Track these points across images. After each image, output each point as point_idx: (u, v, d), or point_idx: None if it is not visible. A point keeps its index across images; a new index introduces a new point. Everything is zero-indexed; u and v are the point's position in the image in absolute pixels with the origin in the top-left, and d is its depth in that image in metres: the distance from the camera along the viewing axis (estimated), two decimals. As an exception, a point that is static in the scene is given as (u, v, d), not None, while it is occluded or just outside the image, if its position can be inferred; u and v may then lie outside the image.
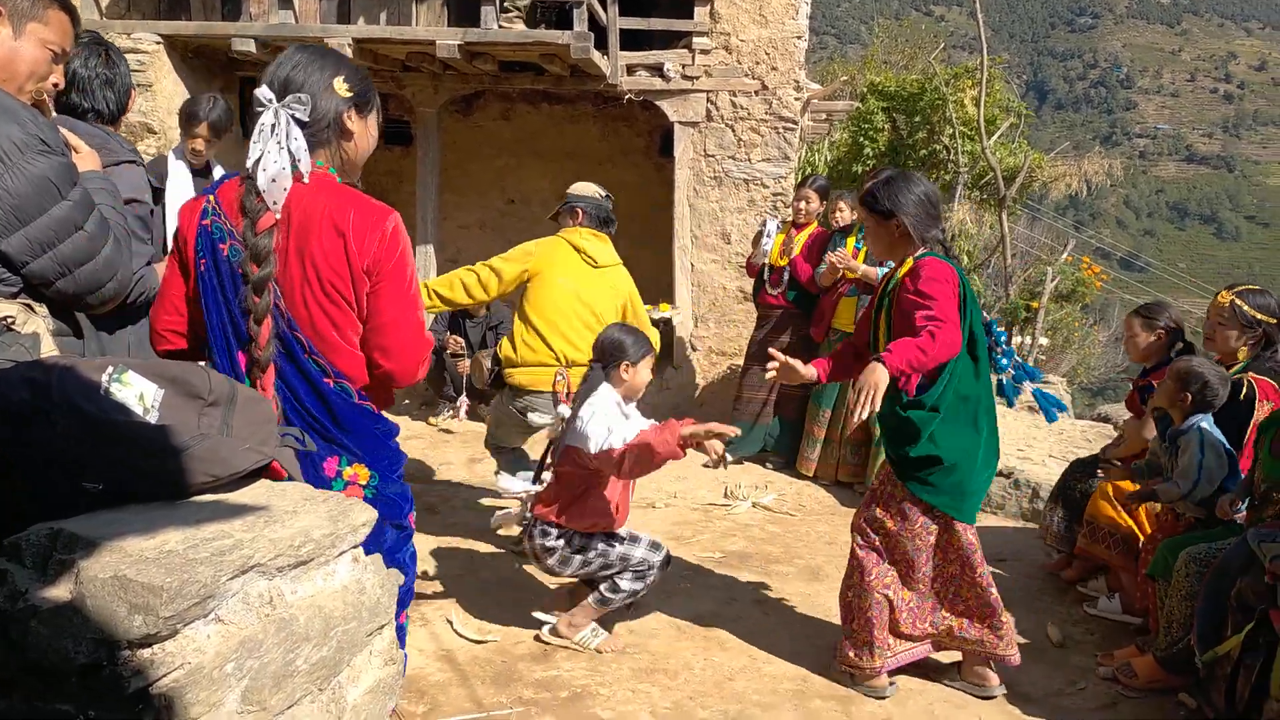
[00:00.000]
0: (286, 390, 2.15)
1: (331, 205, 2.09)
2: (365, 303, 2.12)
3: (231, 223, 2.12)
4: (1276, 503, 3.17)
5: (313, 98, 2.10)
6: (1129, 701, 3.32)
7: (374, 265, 2.10)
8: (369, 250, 2.09)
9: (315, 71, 2.13)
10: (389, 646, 2.23)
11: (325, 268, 2.09)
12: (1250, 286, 3.81)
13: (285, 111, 2.08)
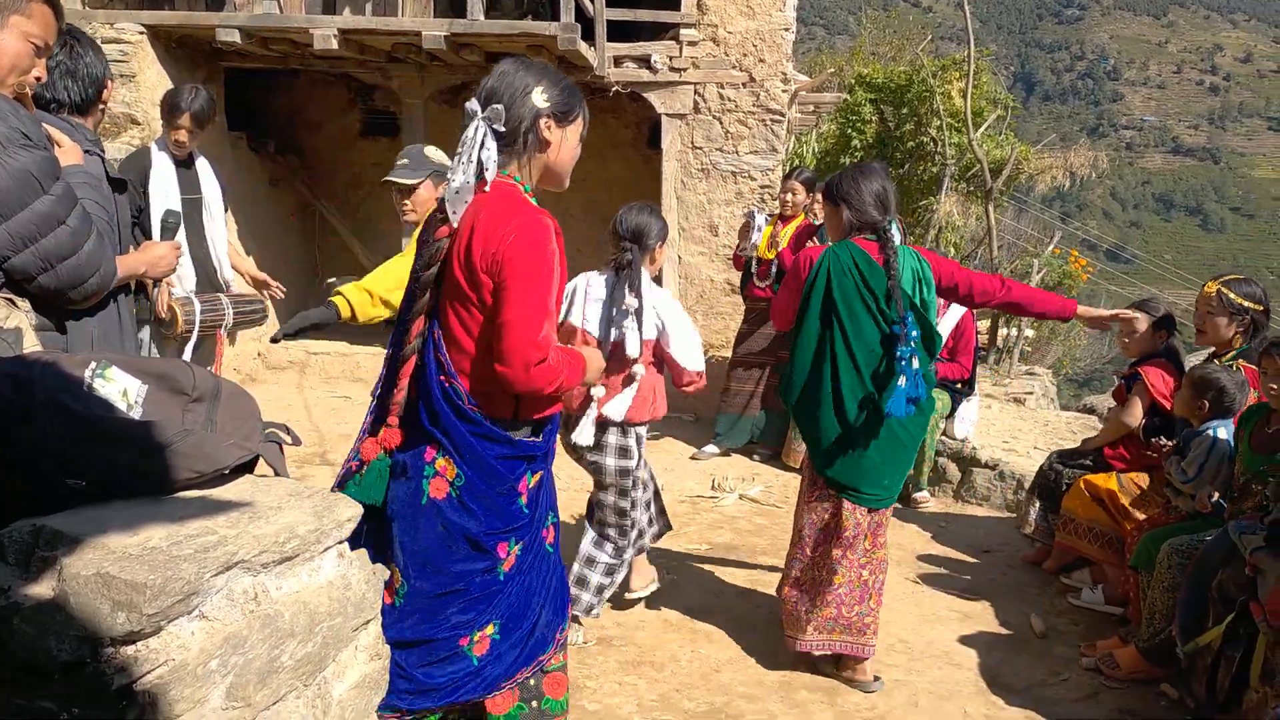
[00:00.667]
0: (419, 383, 2.22)
1: (484, 209, 2.14)
2: (490, 303, 2.14)
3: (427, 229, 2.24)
4: (1256, 495, 3.20)
5: (507, 107, 2.14)
6: (1111, 692, 3.35)
7: (493, 266, 2.11)
8: (490, 250, 2.10)
9: (516, 82, 2.17)
10: (374, 641, 2.23)
11: (459, 269, 2.16)
12: (1236, 276, 3.86)
13: (483, 123, 2.14)
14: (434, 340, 2.21)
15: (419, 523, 2.23)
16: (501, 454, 2.21)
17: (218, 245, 4.42)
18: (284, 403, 6.70)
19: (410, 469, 2.23)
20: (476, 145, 2.14)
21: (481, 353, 2.18)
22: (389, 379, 2.28)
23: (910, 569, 4.40)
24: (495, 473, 2.21)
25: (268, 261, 7.71)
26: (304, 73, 7.93)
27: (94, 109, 2.74)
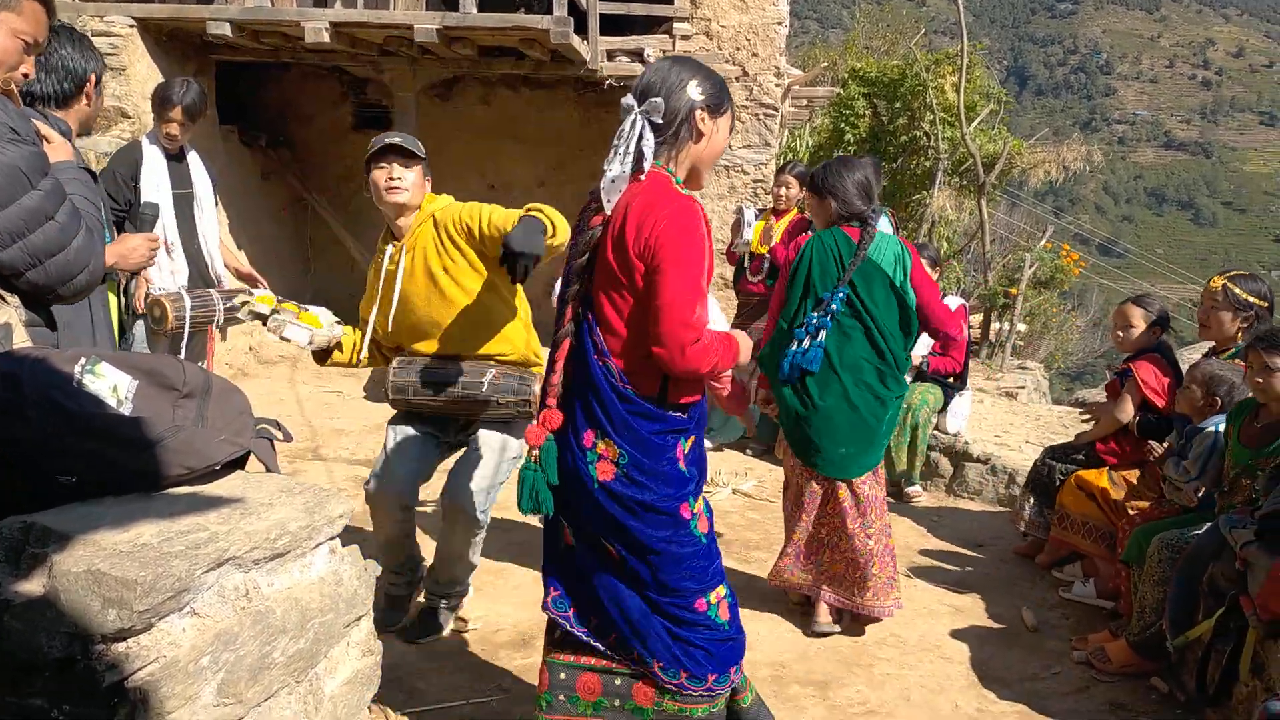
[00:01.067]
0: (576, 367, 2.31)
1: (637, 197, 2.22)
2: (642, 287, 2.22)
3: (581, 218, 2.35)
4: (1246, 489, 3.22)
5: (665, 100, 2.23)
6: (1102, 685, 3.36)
7: (647, 250, 2.19)
8: (644, 236, 2.18)
9: (672, 76, 2.26)
10: (367, 637, 2.23)
11: (611, 254, 2.24)
12: (1241, 272, 3.86)
13: (641, 116, 2.23)
14: (588, 323, 2.29)
15: (598, 503, 2.30)
16: (655, 429, 2.29)
17: (209, 239, 4.41)
18: (276, 397, 6.69)
19: (574, 454, 2.30)
20: (635, 137, 2.22)
21: (633, 335, 2.26)
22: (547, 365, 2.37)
23: (902, 563, 4.41)
24: (653, 447, 2.29)
25: (259, 255, 7.69)
26: (295, 66, 7.91)
27: (74, 103, 2.71)
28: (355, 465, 5.46)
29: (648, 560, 2.33)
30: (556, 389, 2.30)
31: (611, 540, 2.33)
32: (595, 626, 2.43)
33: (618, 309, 2.26)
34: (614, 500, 2.29)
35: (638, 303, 2.24)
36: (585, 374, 2.28)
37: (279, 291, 7.98)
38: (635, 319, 2.25)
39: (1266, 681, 2.72)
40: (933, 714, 3.15)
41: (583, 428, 2.30)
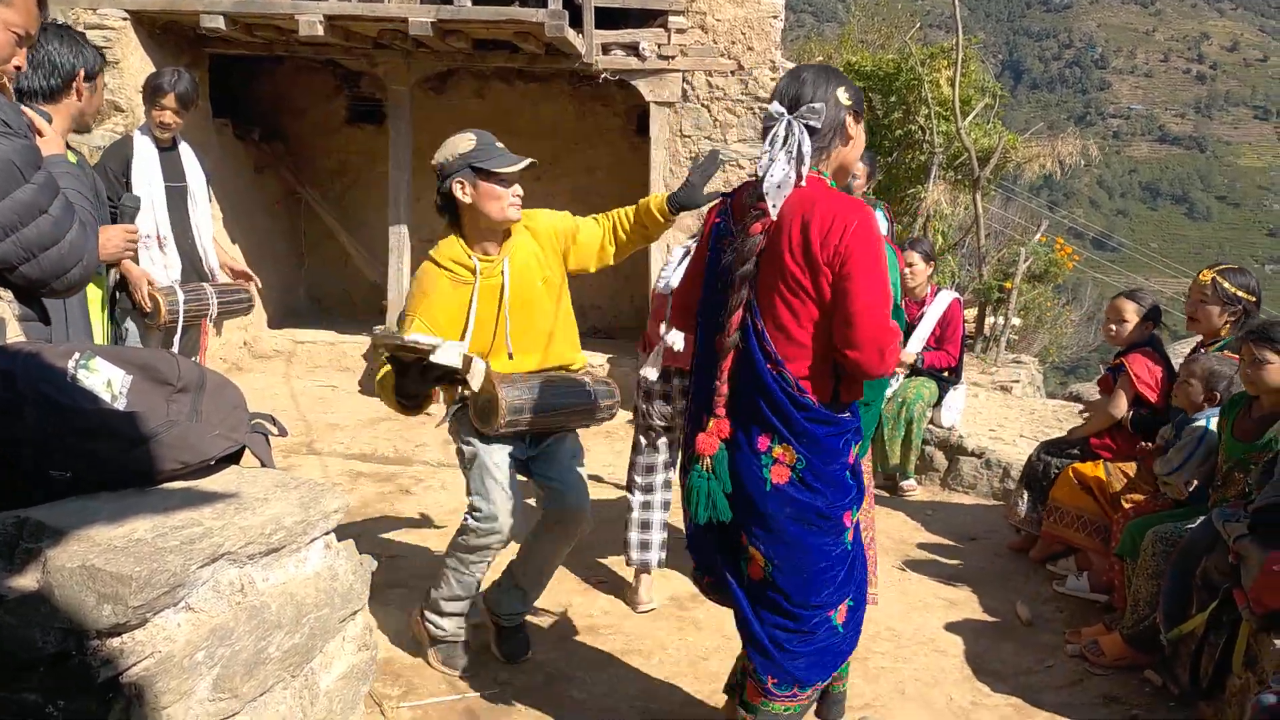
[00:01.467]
0: (743, 375, 2.30)
1: (807, 203, 2.24)
2: (828, 294, 2.22)
3: (736, 223, 2.34)
4: (1239, 483, 3.23)
5: (824, 107, 2.28)
6: (1096, 678, 3.38)
7: (836, 258, 2.20)
8: (831, 243, 2.19)
9: (823, 85, 2.32)
10: (362, 632, 2.24)
11: (790, 260, 2.23)
12: (1230, 265, 3.87)
13: (798, 122, 2.27)
14: (756, 331, 2.28)
15: (769, 507, 2.30)
16: (830, 433, 2.31)
17: (203, 233, 4.39)
18: (270, 392, 6.67)
19: (747, 458, 2.31)
20: (796, 142, 2.25)
21: (815, 340, 2.27)
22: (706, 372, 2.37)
23: (897, 556, 4.42)
24: (830, 451, 2.31)
25: (253, 249, 7.67)
26: (289, 59, 7.87)
27: (62, 98, 2.68)
28: (350, 460, 5.46)
29: (793, 563, 2.34)
30: (724, 397, 2.31)
31: (760, 544, 2.34)
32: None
33: (795, 315, 2.26)
34: (785, 503, 2.30)
35: (820, 309, 2.25)
36: (757, 382, 2.28)
37: (273, 286, 7.93)
38: (817, 325, 2.26)
39: (1259, 674, 2.73)
40: (927, 707, 3.16)
41: (756, 433, 2.31)
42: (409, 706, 2.97)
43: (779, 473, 2.30)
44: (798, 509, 2.30)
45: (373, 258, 8.22)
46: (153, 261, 4.17)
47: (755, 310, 2.29)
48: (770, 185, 2.23)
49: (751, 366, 2.28)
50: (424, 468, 5.37)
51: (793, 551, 2.32)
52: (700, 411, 2.38)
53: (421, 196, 8.22)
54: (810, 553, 2.33)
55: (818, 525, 2.32)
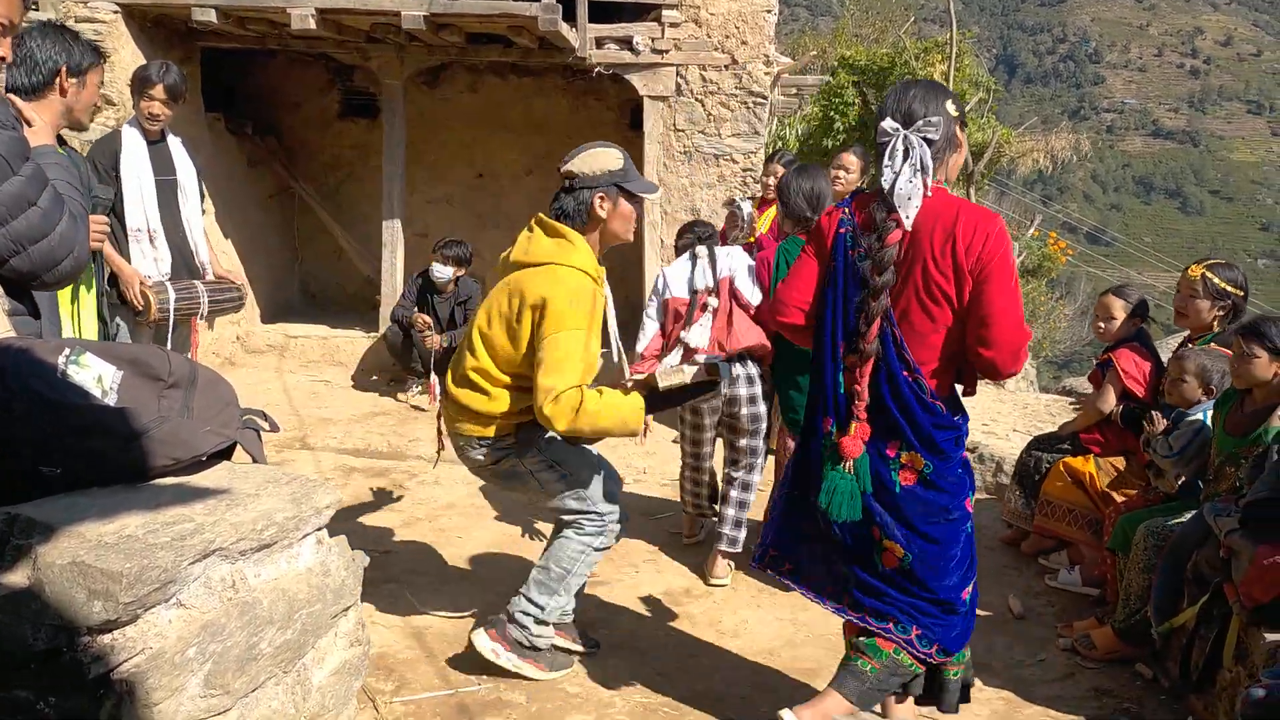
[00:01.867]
0: (878, 379, 2.43)
1: (945, 212, 2.37)
2: (966, 299, 2.36)
3: (860, 232, 2.45)
4: (1230, 477, 3.24)
5: (940, 121, 2.40)
6: (1087, 672, 3.39)
7: (979, 265, 2.33)
8: (975, 250, 2.33)
9: (933, 100, 2.44)
10: (354, 628, 2.24)
11: (933, 268, 2.36)
12: (1218, 260, 3.88)
13: (917, 136, 2.38)
14: (895, 339, 2.40)
15: (899, 504, 2.47)
16: (949, 438, 2.46)
17: (194, 227, 4.36)
18: (263, 387, 6.66)
19: (877, 462, 2.47)
20: (918, 156, 2.37)
21: (944, 344, 2.41)
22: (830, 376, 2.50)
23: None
24: (950, 454, 2.48)
25: (246, 244, 7.65)
26: (282, 53, 7.84)
27: (46, 94, 2.67)
28: (343, 455, 5.45)
29: (926, 551, 2.48)
30: (865, 402, 2.43)
31: (897, 535, 2.48)
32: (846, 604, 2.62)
33: (932, 320, 2.39)
34: (914, 502, 2.47)
35: (954, 314, 2.38)
36: (894, 389, 2.41)
37: (266, 281, 7.92)
38: (949, 330, 2.40)
39: (1249, 668, 2.75)
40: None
41: (886, 440, 2.46)
42: (402, 701, 2.97)
43: (906, 476, 2.47)
44: (927, 507, 2.47)
45: (366, 252, 8.20)
46: (143, 255, 4.15)
47: (891, 318, 2.40)
48: (901, 198, 2.36)
49: (889, 373, 2.41)
50: (417, 463, 5.36)
51: (926, 544, 2.48)
52: (829, 415, 2.51)
53: (416, 190, 8.22)
54: (940, 543, 2.49)
55: (945, 520, 2.49)
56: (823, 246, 2.56)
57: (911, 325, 2.40)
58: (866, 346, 2.41)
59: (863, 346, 2.42)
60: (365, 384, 7.01)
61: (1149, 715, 3.14)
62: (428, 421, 6.10)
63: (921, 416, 2.41)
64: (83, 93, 2.73)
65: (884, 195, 2.40)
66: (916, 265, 2.37)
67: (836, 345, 2.48)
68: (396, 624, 3.47)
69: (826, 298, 2.51)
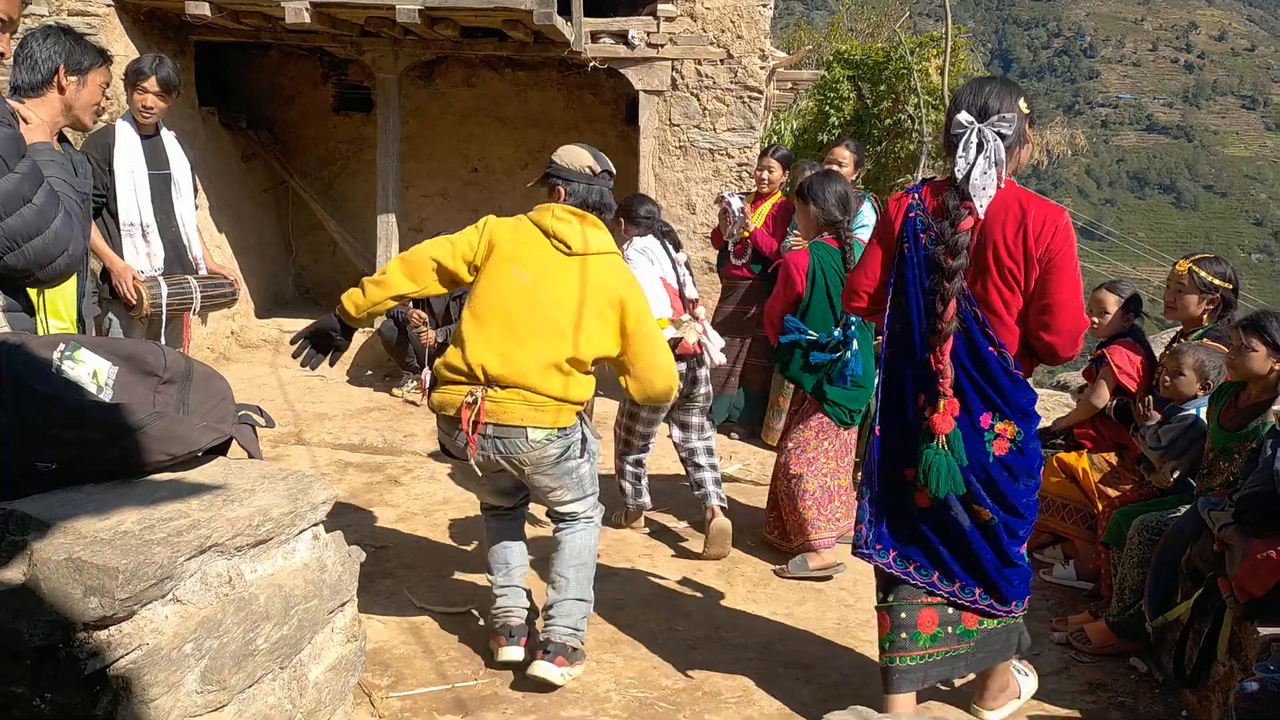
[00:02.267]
0: (962, 357, 2.57)
1: (1015, 204, 2.54)
2: (1033, 286, 2.53)
3: (931, 218, 2.59)
4: (1224, 471, 3.25)
5: (1014, 117, 2.55)
6: (1081, 665, 3.40)
7: (1047, 254, 2.50)
8: (1045, 241, 2.50)
9: (1008, 96, 2.58)
10: (351, 623, 2.24)
11: (1005, 256, 2.52)
12: (1206, 255, 3.91)
13: (991, 130, 2.52)
14: (976, 318, 2.56)
15: (991, 475, 2.63)
16: (1031, 403, 2.65)
17: (187, 222, 4.34)
18: (258, 382, 6.65)
19: (970, 435, 2.60)
20: (993, 149, 2.52)
21: (1018, 325, 2.59)
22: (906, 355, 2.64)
23: (885, 546, 4.44)
24: (1033, 421, 2.67)
25: (240, 238, 7.63)
26: (276, 47, 7.82)
27: (45, 91, 2.67)
28: (338, 450, 5.45)
29: (1012, 517, 2.67)
30: (949, 379, 2.57)
31: (987, 503, 2.65)
32: (938, 576, 2.75)
33: (1005, 304, 2.56)
34: (1005, 470, 2.63)
35: (1023, 298, 2.56)
36: (981, 364, 2.57)
37: (261, 274, 7.90)
38: (1020, 313, 2.58)
39: (1243, 662, 2.76)
40: (916, 695, 3.17)
41: (978, 411, 2.60)
42: (398, 696, 2.97)
43: (1000, 445, 2.62)
44: (1014, 473, 2.64)
45: (361, 247, 8.18)
46: (136, 250, 4.13)
47: (971, 298, 2.56)
48: (975, 188, 2.52)
49: (974, 349, 2.57)
50: (413, 458, 5.36)
51: (1011, 506, 2.66)
52: (915, 393, 2.65)
53: (411, 185, 8.20)
54: (1020, 504, 2.67)
55: (1026, 485, 2.68)
56: (889, 232, 2.69)
57: (991, 306, 2.57)
58: (944, 326, 2.55)
59: (941, 326, 2.55)
60: (360, 379, 7.00)
61: (1143, 709, 3.15)
62: (423, 416, 6.10)
63: (1011, 388, 2.58)
64: (83, 91, 2.73)
65: (957, 184, 2.54)
66: (988, 251, 2.53)
67: (921, 324, 2.61)
68: (393, 619, 3.47)
69: (905, 281, 2.64)
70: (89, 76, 2.74)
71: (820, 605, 3.81)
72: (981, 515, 2.67)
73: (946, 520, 2.68)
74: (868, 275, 2.76)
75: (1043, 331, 2.56)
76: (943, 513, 2.67)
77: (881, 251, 2.73)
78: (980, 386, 2.58)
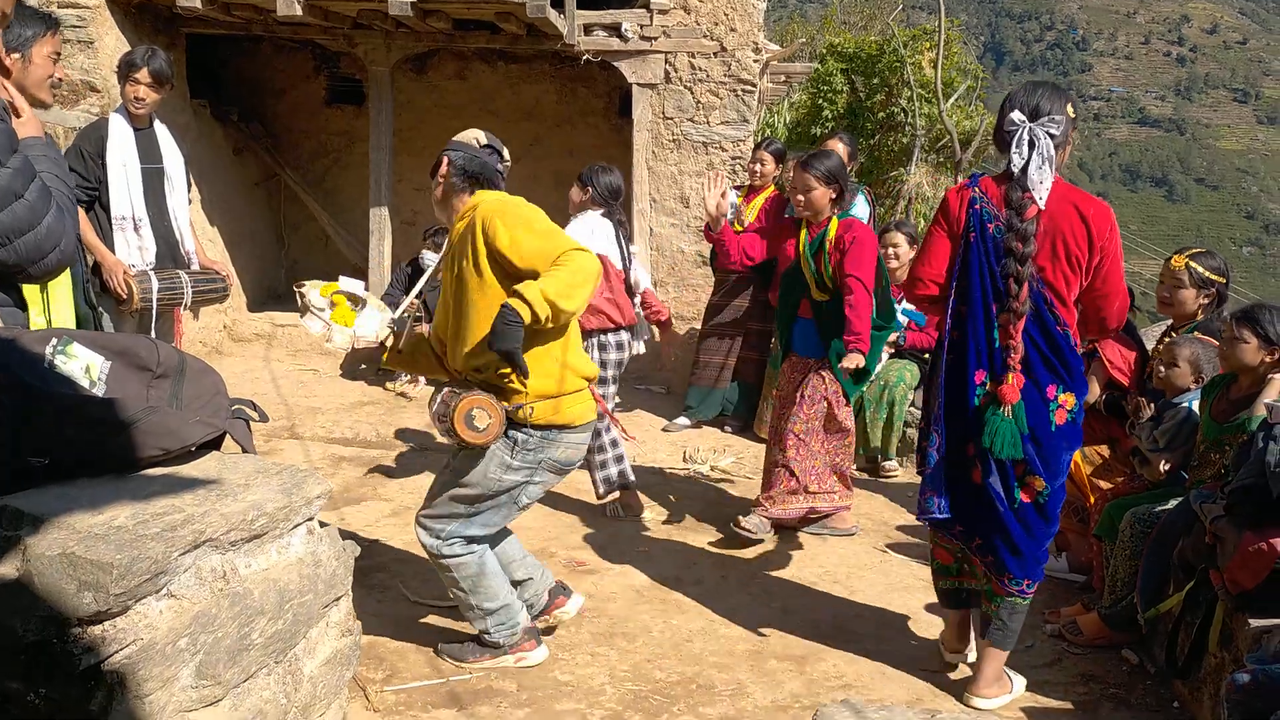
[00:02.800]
0: (1029, 334, 2.82)
1: (1071, 199, 2.81)
2: (1090, 273, 2.82)
3: (995, 208, 2.83)
4: (1216, 463, 3.27)
5: (1063, 119, 2.81)
6: (1074, 657, 3.42)
7: (1103, 245, 2.79)
8: (1103, 233, 2.79)
9: (1058, 100, 2.84)
10: (345, 618, 2.24)
11: (1072, 243, 2.78)
12: (1198, 249, 3.92)
13: (1042, 129, 2.78)
14: (1045, 299, 2.81)
15: (1051, 443, 2.87)
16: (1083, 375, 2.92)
17: (179, 216, 4.33)
18: (251, 376, 6.63)
19: (1036, 405, 2.85)
20: (1044, 146, 2.77)
21: (1073, 305, 2.86)
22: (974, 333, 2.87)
23: (879, 538, 4.46)
24: (1084, 395, 2.93)
25: (232, 231, 7.60)
26: (268, 39, 7.78)
27: None
28: (332, 444, 5.44)
29: (1055, 484, 2.91)
30: (1019, 354, 2.82)
31: (1041, 472, 2.89)
32: (976, 546, 3.04)
33: (1069, 286, 2.82)
34: (1061, 438, 2.88)
35: (1082, 282, 2.83)
36: (1050, 341, 2.83)
37: (252, 268, 7.86)
38: (1076, 295, 2.85)
39: (1234, 653, 2.77)
40: (908, 687, 3.19)
41: (1045, 383, 2.85)
42: (393, 690, 2.98)
43: (1060, 415, 2.87)
44: (1067, 441, 2.90)
45: (353, 239, 8.16)
46: (128, 244, 4.12)
47: (1040, 281, 2.80)
48: (1033, 182, 2.77)
49: (1045, 327, 2.82)
50: (405, 451, 5.36)
51: (1059, 474, 2.92)
52: (981, 367, 2.88)
53: (404, 178, 8.17)
54: (1063, 472, 2.93)
55: (1069, 452, 2.94)
56: (953, 223, 2.90)
57: (1055, 289, 2.81)
58: (1019, 306, 2.79)
59: (1015, 306, 2.79)
60: (353, 373, 6.99)
61: (1135, 700, 3.17)
62: (416, 410, 6.09)
63: (1075, 363, 2.86)
64: (31, 68, 2.61)
65: (1016, 177, 2.80)
66: (1053, 240, 2.78)
67: (989, 307, 2.83)
68: (387, 613, 3.47)
69: (972, 268, 2.84)
70: (32, 51, 2.60)
71: (814, 599, 3.82)
72: (1036, 486, 2.90)
73: (994, 503, 2.91)
74: (933, 264, 2.94)
75: (1099, 313, 2.89)
76: (992, 495, 2.91)
77: (948, 242, 2.92)
78: (1049, 361, 2.83)
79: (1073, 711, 3.08)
